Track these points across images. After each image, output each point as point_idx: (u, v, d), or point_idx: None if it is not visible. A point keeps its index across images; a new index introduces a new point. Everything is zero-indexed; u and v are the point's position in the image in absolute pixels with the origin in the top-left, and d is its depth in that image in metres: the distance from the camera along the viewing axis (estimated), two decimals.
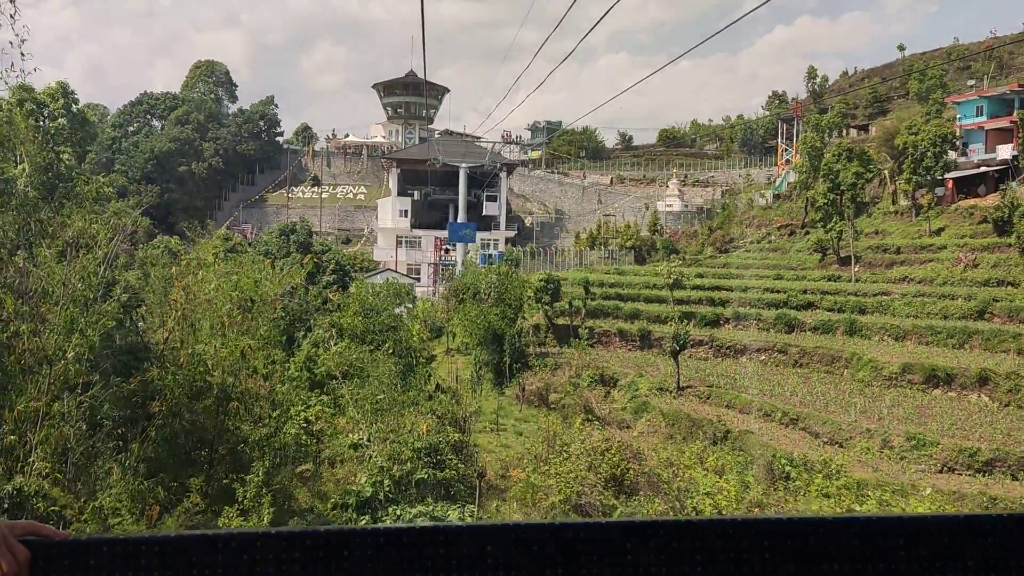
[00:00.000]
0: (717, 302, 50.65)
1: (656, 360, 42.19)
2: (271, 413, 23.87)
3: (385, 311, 32.79)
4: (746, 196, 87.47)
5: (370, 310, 32.79)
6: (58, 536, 1.29)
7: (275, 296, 22.23)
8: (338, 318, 33.26)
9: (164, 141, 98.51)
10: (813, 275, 58.75)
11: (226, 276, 23.95)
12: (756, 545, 1.31)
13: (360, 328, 32.58)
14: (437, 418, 25.54)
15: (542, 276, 45.59)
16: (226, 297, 21.72)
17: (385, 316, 32.67)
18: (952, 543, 1.34)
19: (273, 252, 60.30)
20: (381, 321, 32.57)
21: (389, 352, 32.06)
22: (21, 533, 1.25)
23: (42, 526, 1.29)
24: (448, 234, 67.71)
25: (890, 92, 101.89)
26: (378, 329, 32.49)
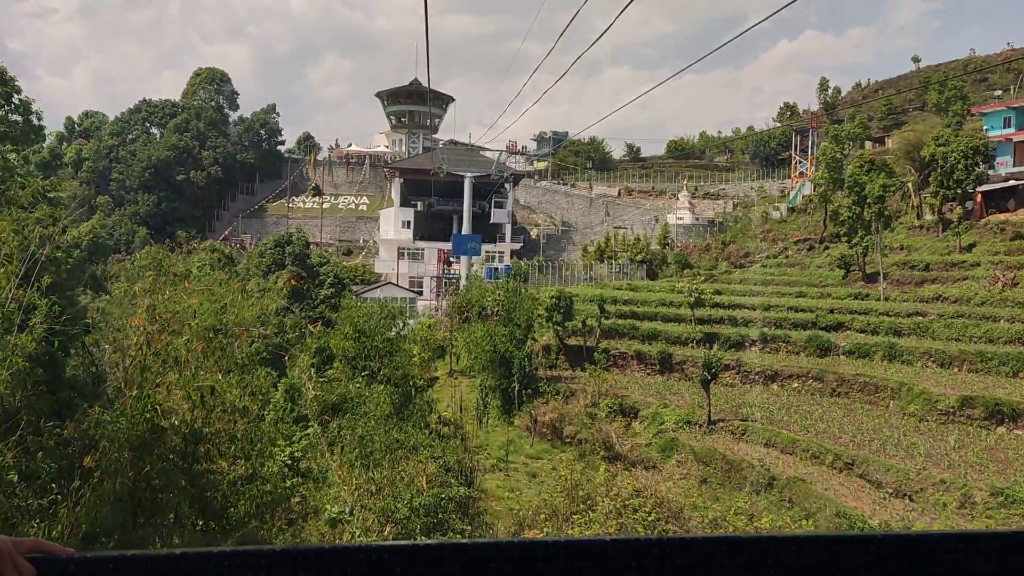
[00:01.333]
0: (740, 322, 46.39)
1: (679, 387, 37.92)
2: (250, 452, 19.42)
3: (379, 334, 28.48)
4: (759, 209, 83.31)
5: (361, 333, 28.52)
6: (63, 553, 1.27)
7: (246, 325, 17.95)
8: (327, 341, 29.01)
9: (162, 149, 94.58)
10: (838, 293, 54.51)
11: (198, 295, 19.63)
12: (760, 563, 1.26)
13: (352, 352, 28.38)
14: (439, 465, 21.32)
15: (553, 293, 41.36)
16: (183, 325, 17.51)
17: (379, 340, 28.37)
18: (970, 561, 1.30)
19: (267, 264, 56.16)
20: (375, 346, 28.32)
21: (384, 380, 27.82)
22: (27, 550, 1.24)
23: (47, 543, 1.28)
24: (452, 246, 63.47)
25: (904, 104, 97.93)
26: (372, 354, 28.28)
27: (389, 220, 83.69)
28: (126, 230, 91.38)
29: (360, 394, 22.71)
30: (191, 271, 45.74)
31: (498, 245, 79.89)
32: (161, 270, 45.54)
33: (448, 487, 20.20)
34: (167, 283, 23.90)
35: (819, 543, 1.29)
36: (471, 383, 42.11)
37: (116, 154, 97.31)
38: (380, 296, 61.36)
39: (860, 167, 59.27)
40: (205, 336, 17.69)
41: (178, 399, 17.00)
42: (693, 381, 39.12)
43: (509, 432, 33.57)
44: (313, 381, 21.49)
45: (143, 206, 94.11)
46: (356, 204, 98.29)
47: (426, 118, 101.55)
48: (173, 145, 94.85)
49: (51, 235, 17.15)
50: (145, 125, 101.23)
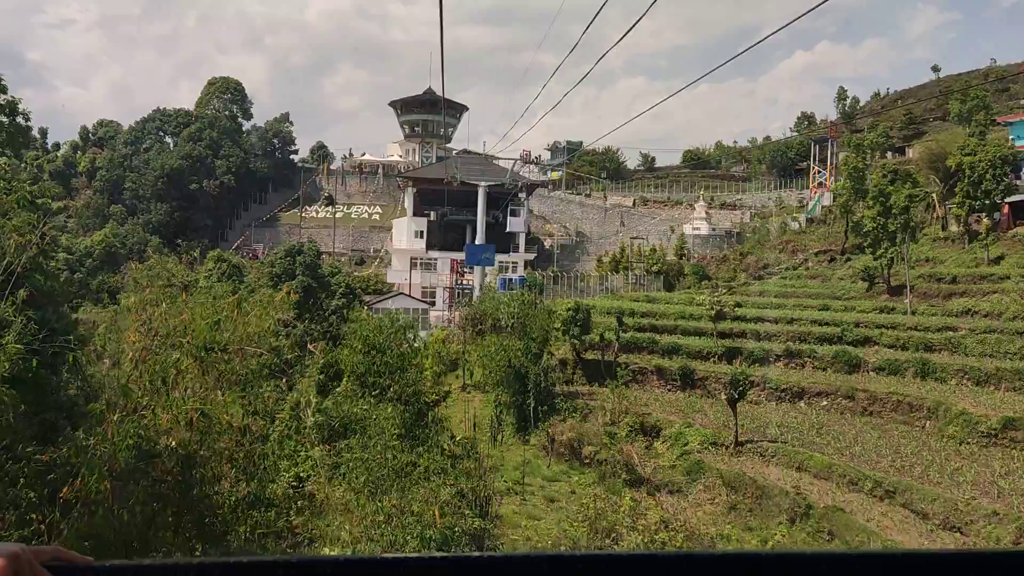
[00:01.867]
0: (763, 335, 44.54)
1: (702, 404, 36.11)
2: (253, 474, 17.82)
3: (390, 349, 26.90)
4: (777, 220, 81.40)
5: (371, 347, 26.95)
6: (82, 562, 1.29)
7: (241, 343, 16.40)
8: (335, 356, 27.45)
9: (175, 158, 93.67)
10: (863, 306, 52.52)
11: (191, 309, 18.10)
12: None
13: (362, 367, 26.80)
14: (453, 492, 19.68)
15: (570, 305, 39.68)
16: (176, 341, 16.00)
17: (390, 355, 26.79)
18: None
19: (278, 274, 54.80)
20: (385, 361, 26.74)
21: (395, 398, 26.24)
22: (46, 559, 1.25)
23: (67, 552, 1.28)
24: (465, 256, 61.90)
25: (924, 114, 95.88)
26: (382, 370, 26.69)
27: (402, 230, 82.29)
28: (139, 239, 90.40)
29: (367, 415, 21.09)
30: (199, 281, 44.24)
31: (512, 255, 78.29)
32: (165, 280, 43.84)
33: (462, 518, 18.58)
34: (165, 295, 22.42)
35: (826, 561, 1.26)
36: (485, 398, 40.45)
37: (130, 163, 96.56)
38: (392, 307, 59.87)
39: (884, 177, 57.40)
40: (198, 354, 16.18)
41: (167, 421, 15.47)
42: (716, 398, 37.33)
43: (525, 451, 31.88)
44: (313, 407, 19.86)
45: (156, 215, 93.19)
46: (369, 214, 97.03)
47: (440, 127, 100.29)
48: (186, 154, 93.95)
49: (28, 243, 15.60)
50: (159, 134, 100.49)
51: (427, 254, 79.07)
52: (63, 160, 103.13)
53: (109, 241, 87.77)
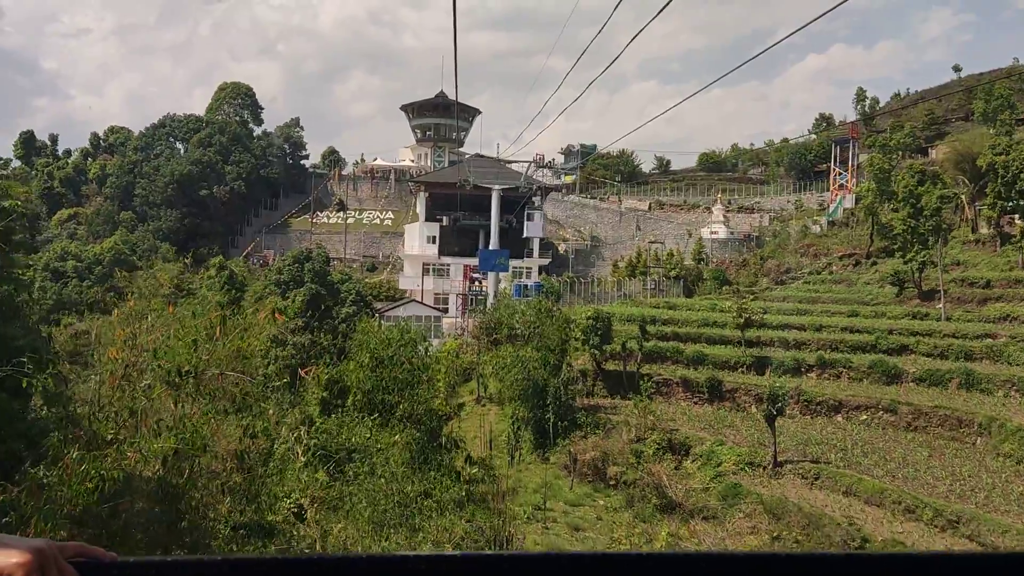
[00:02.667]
0: (792, 344, 41.96)
1: (732, 419, 33.59)
2: (250, 502, 15.50)
3: (399, 363, 24.56)
4: (798, 223, 78.66)
5: (379, 362, 24.64)
6: (107, 557, 1.28)
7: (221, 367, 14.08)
8: (340, 371, 25.11)
9: (185, 164, 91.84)
10: (894, 312, 49.87)
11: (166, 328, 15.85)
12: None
13: (369, 384, 24.48)
14: (469, 528, 17.31)
15: (589, 313, 37.26)
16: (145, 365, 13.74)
17: (399, 370, 24.46)
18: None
19: (285, 281, 52.62)
20: (394, 377, 24.40)
21: (405, 417, 23.91)
22: (71, 555, 1.24)
23: (91, 548, 1.28)
24: (479, 262, 59.56)
25: (946, 114, 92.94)
26: (391, 386, 24.36)
27: (414, 235, 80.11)
28: (149, 246, 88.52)
29: (371, 443, 18.76)
30: (201, 289, 41.50)
31: (526, 261, 75.92)
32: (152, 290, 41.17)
33: None
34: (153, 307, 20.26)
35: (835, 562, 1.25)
36: (500, 411, 38.10)
37: (140, 169, 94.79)
38: (403, 314, 57.61)
39: (913, 177, 54.73)
40: (171, 380, 13.88)
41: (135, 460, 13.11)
42: (746, 412, 34.85)
43: (545, 471, 29.46)
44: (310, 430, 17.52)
45: (166, 221, 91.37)
46: (381, 219, 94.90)
47: (452, 131, 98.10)
48: (196, 160, 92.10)
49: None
50: (169, 140, 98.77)
51: (440, 260, 76.84)
52: (73, 167, 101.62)
53: (119, 248, 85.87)
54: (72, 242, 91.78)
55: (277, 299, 49.65)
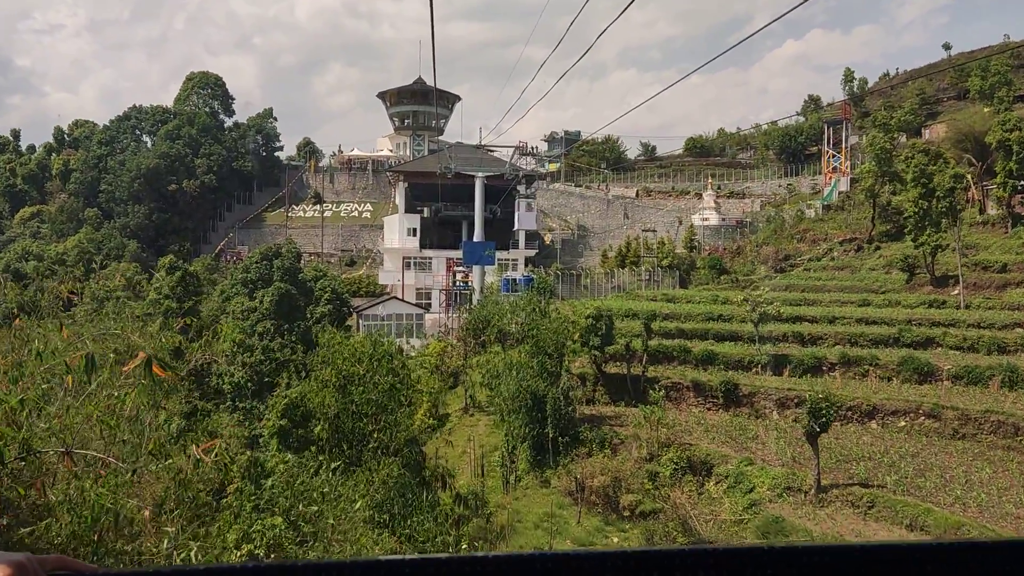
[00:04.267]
0: (807, 339, 37.72)
1: (754, 428, 29.23)
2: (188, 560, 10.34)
3: (373, 384, 19.89)
4: (792, 208, 74.51)
5: (348, 381, 19.99)
6: (86, 570, 1.27)
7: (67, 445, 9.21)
8: (301, 392, 20.37)
9: (152, 158, 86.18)
10: (908, 299, 45.81)
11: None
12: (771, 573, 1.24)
13: (336, 408, 19.86)
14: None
15: (589, 311, 32.71)
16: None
17: (373, 390, 19.82)
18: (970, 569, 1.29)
19: (253, 281, 47.67)
20: (367, 398, 19.75)
21: (379, 449, 19.30)
22: (51, 568, 1.24)
23: (71, 560, 1.27)
24: (463, 254, 54.81)
25: (938, 93, 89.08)
26: (364, 410, 19.73)
27: (393, 227, 75.15)
28: (116, 244, 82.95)
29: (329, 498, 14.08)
30: (150, 294, 35.47)
31: (511, 252, 71.24)
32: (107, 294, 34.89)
33: None
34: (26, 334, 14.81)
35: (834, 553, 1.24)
36: (491, 422, 33.56)
37: (105, 164, 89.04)
38: (382, 313, 52.91)
39: (924, 155, 50.64)
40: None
41: None
42: (768, 419, 30.52)
43: (546, 497, 24.98)
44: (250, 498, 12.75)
45: (133, 218, 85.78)
46: (359, 211, 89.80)
47: (431, 119, 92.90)
48: (164, 153, 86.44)
49: None
50: (135, 133, 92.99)
51: (421, 253, 72.02)
52: (37, 163, 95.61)
53: (83, 247, 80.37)
54: (35, 241, 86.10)
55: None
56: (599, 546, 21.54)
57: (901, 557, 1.28)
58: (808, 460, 24.10)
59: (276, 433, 19.82)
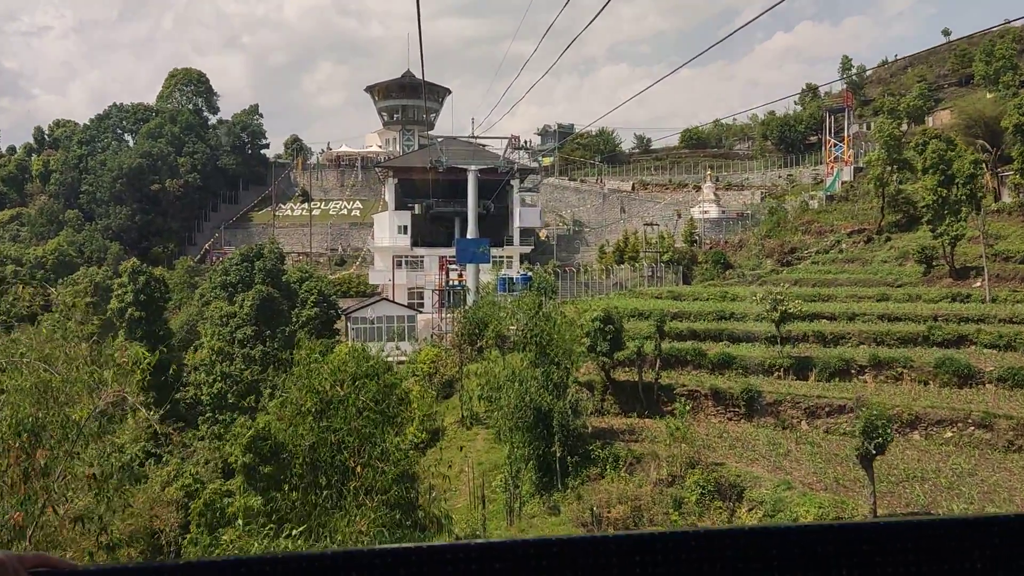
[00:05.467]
0: (828, 339, 34.50)
1: (782, 440, 25.99)
2: None
3: (353, 408, 16.53)
4: (794, 199, 71.42)
5: (327, 406, 16.64)
6: (66, 567, 1.26)
7: None
8: (269, 423, 16.94)
9: (134, 157, 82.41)
10: (928, 293, 42.67)
11: None
12: (764, 555, 1.23)
13: (312, 439, 16.52)
14: None
15: (596, 313, 29.39)
16: None
17: (358, 418, 16.46)
18: (960, 545, 1.28)
19: (232, 284, 44.17)
20: (350, 427, 16.40)
21: (366, 489, 15.96)
22: (32, 565, 1.23)
23: (52, 557, 1.26)
24: (456, 252, 51.41)
25: (938, 80, 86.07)
26: (347, 443, 16.39)
27: (383, 225, 71.68)
28: (98, 246, 79.22)
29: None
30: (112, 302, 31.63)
31: (506, 249, 67.87)
32: None
33: None
34: None
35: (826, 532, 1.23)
36: (490, 435, 30.29)
37: (85, 164, 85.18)
38: (372, 315, 49.51)
39: (941, 141, 47.49)
40: None
41: None
42: (796, 430, 27.31)
43: (557, 528, 21.68)
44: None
45: (115, 219, 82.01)
46: (348, 209, 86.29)
47: (421, 113, 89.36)
48: (146, 152, 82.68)
49: None
50: (116, 132, 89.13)
51: (412, 251, 68.60)
52: (16, 164, 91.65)
53: (63, 250, 76.60)
54: (14, 245, 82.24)
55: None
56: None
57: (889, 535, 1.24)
58: (854, 482, 20.91)
59: (240, 470, 16.47)
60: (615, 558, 1.18)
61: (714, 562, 1.20)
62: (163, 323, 34.86)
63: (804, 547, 1.22)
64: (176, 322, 48.98)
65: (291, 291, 44.44)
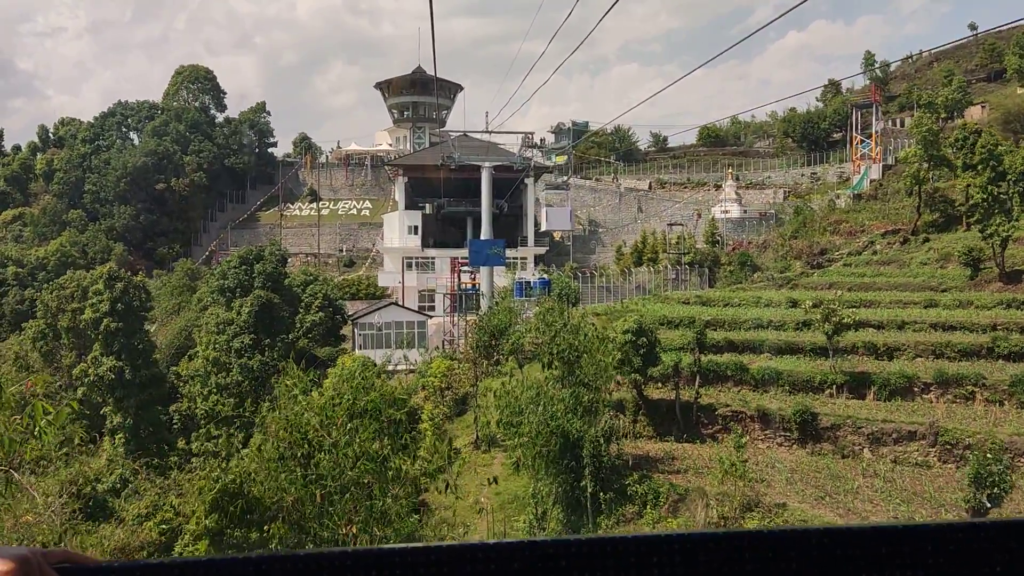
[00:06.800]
0: (881, 351, 30.71)
1: (845, 472, 22.28)
2: None
3: (350, 454, 12.94)
4: (821, 198, 67.45)
5: (314, 448, 13.07)
6: (91, 563, 1.23)
7: None
8: (235, 475, 13.32)
9: (139, 156, 79.19)
10: (980, 299, 38.72)
11: None
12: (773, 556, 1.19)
13: (295, 492, 12.97)
14: None
15: (628, 325, 25.72)
16: None
17: (353, 467, 12.86)
18: (980, 548, 1.21)
19: (231, 288, 40.68)
20: (343, 481, 12.81)
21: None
22: (56, 561, 1.19)
23: (76, 554, 1.22)
24: (469, 255, 47.77)
25: (966, 74, 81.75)
26: (334, 497, 12.82)
27: (393, 226, 68.13)
28: (101, 247, 76.03)
29: None
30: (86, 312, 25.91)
31: (520, 250, 64.22)
32: None
33: None
34: None
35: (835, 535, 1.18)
36: (508, 459, 26.68)
37: (89, 163, 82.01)
38: (380, 321, 45.93)
39: (982, 134, 43.57)
40: None
41: None
42: (859, 459, 23.57)
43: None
44: None
45: (119, 219, 78.81)
46: (358, 209, 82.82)
47: (432, 110, 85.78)
48: (151, 151, 79.43)
49: None
50: (121, 129, 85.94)
51: (423, 252, 65.02)
52: (20, 164, 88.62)
53: (66, 251, 73.49)
54: (16, 246, 79.15)
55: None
56: None
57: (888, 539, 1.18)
58: None
59: (204, 535, 12.91)
60: (633, 559, 1.14)
61: (733, 563, 1.15)
62: (143, 335, 31.49)
63: (819, 550, 1.16)
64: (174, 328, 45.57)
65: (293, 296, 40.94)
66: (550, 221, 64.88)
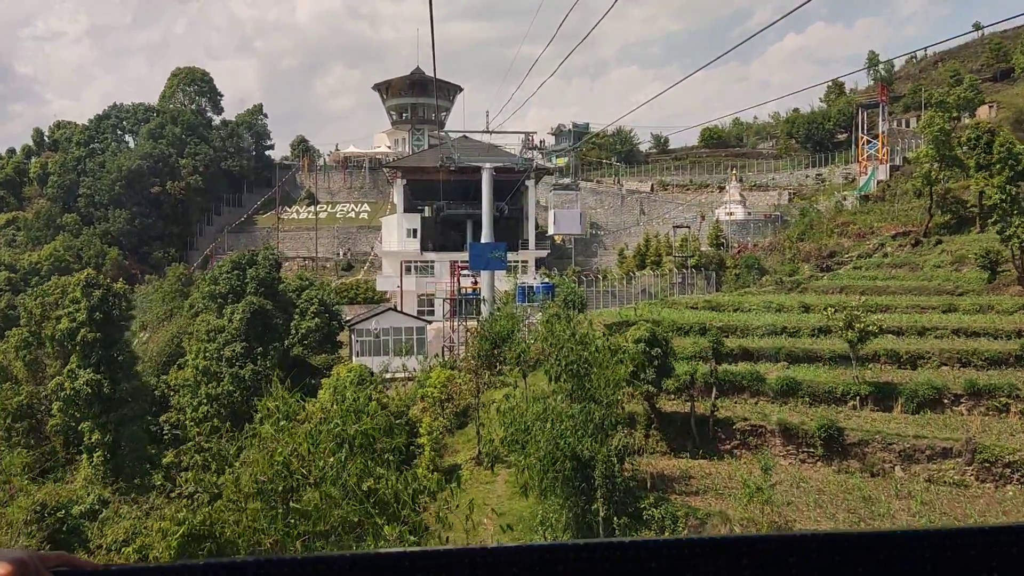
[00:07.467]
0: (904, 360, 28.95)
1: (875, 492, 20.52)
2: None
3: (336, 492, 11.17)
4: (828, 199, 65.74)
5: (295, 486, 11.28)
6: (88, 567, 1.22)
7: None
8: (204, 516, 11.52)
9: (134, 159, 77.40)
10: (1002, 304, 37.06)
11: None
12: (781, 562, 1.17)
13: (274, 533, 11.23)
14: None
15: (640, 334, 23.96)
16: None
17: (347, 506, 11.08)
18: (981, 554, 1.20)
19: (223, 294, 38.87)
20: (329, 517, 11.06)
21: None
22: (54, 564, 1.20)
23: (74, 557, 1.22)
24: (469, 258, 45.97)
25: (972, 74, 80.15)
26: (318, 541, 11.08)
27: (392, 229, 66.40)
28: (96, 251, 74.21)
29: None
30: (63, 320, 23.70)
31: (521, 254, 62.51)
32: None
33: None
34: None
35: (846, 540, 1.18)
36: (512, 479, 24.89)
37: (84, 166, 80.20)
38: (377, 327, 44.14)
39: (983, 134, 41.96)
40: None
41: None
42: (889, 478, 21.80)
43: None
44: None
45: (115, 223, 77.01)
46: (356, 212, 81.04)
47: (431, 111, 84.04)
48: (147, 153, 77.64)
49: None
50: (116, 132, 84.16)
51: (422, 256, 63.28)
52: (14, 167, 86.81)
53: (60, 255, 71.71)
54: (9, 250, 77.36)
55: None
56: None
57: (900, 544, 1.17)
58: None
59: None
60: (630, 564, 1.14)
61: (733, 571, 1.14)
62: (124, 346, 29.71)
63: (823, 555, 1.15)
64: (165, 335, 43.76)
65: (288, 301, 39.15)
66: (558, 224, 63.08)
